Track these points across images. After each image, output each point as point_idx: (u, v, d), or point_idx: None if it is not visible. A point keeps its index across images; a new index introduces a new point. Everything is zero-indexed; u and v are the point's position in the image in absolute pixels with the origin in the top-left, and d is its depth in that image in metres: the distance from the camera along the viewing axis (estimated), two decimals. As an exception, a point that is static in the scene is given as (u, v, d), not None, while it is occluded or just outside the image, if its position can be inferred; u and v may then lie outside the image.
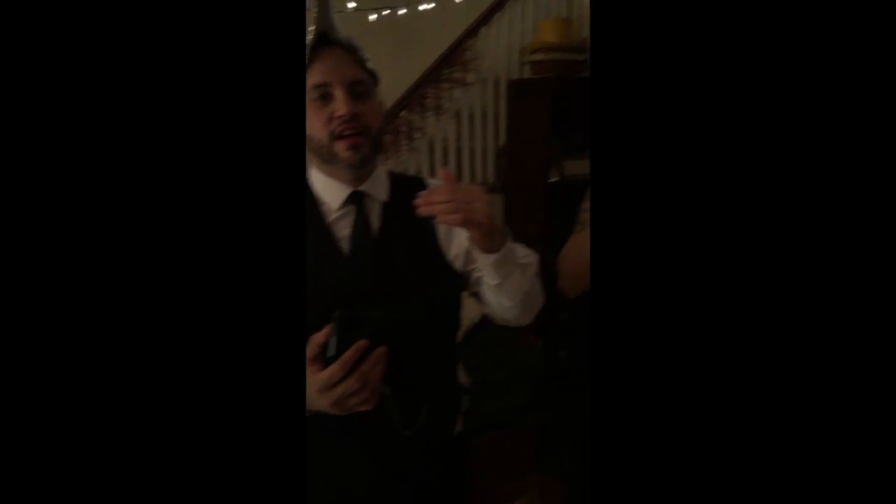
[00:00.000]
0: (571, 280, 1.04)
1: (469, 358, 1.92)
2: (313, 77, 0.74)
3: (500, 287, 0.76)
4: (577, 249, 0.99)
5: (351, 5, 2.43)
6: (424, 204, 0.65)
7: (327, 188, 0.80)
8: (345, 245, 0.78)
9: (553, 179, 2.23)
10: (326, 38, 0.77)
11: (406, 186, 0.82)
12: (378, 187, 0.82)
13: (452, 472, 0.92)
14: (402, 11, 2.57)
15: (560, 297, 1.08)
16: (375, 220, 0.81)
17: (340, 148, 0.75)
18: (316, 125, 0.74)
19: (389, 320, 0.65)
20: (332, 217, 0.79)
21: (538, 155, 2.22)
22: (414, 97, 2.35)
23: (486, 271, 0.75)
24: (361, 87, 0.76)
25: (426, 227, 0.82)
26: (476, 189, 0.67)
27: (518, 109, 2.32)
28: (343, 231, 0.79)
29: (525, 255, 0.80)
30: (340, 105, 0.73)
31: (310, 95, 0.74)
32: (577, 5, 2.59)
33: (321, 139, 0.75)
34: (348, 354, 0.61)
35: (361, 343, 0.62)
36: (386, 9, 2.60)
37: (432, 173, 2.35)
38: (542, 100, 2.15)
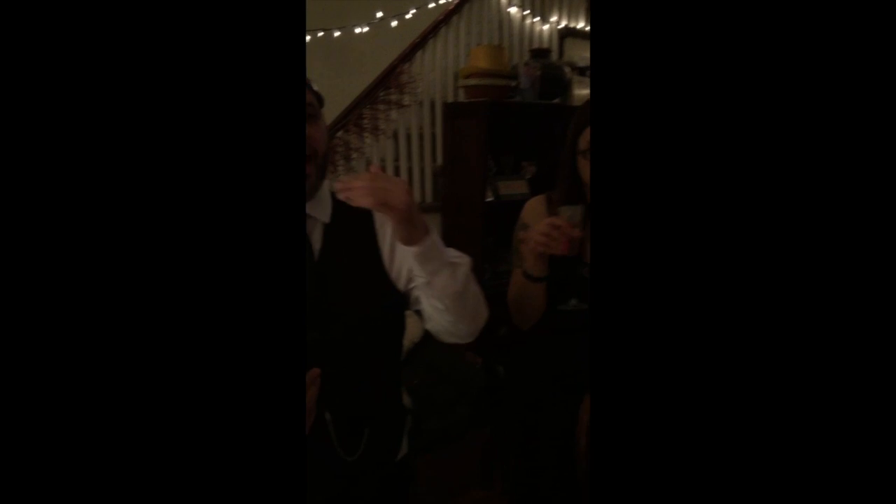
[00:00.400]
0: (520, 317, 1.10)
1: (410, 378, 1.91)
2: None
3: (430, 287, 0.75)
4: (519, 288, 1.05)
5: (285, 25, 2.41)
6: (343, 189, 0.66)
7: None
8: None
9: (489, 199, 2.29)
10: None
11: (349, 207, 0.82)
12: (321, 209, 0.82)
13: (396, 497, 0.91)
14: (336, 34, 2.58)
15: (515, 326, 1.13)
16: (317, 241, 0.80)
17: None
18: None
19: (324, 342, 0.64)
20: None
21: (474, 175, 2.28)
22: (351, 118, 2.35)
23: (414, 268, 0.74)
24: (310, 109, 0.76)
25: (369, 248, 0.83)
26: (396, 178, 0.68)
27: (454, 131, 2.38)
28: None
29: (456, 255, 0.79)
30: (313, 139, 0.73)
31: None
32: (506, 34, 2.71)
33: None
34: None
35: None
36: (321, 31, 2.60)
37: (370, 193, 2.35)
38: (477, 122, 2.22)
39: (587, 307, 1.04)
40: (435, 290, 0.75)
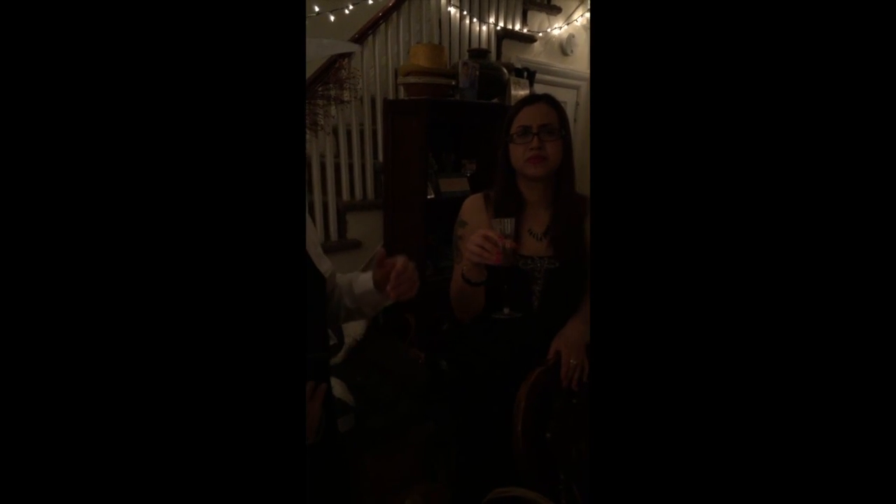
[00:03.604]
0: (461, 313, 1.18)
1: (353, 376, 1.91)
2: None
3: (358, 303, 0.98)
4: (460, 288, 1.11)
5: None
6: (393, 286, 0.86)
7: None
8: None
9: (430, 196, 2.32)
10: None
11: None
12: None
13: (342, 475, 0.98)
14: (272, 25, 2.51)
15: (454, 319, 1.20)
16: None
17: None
18: None
19: (327, 359, 0.70)
20: None
21: (415, 173, 2.30)
22: (288, 113, 2.29)
23: (364, 295, 0.94)
24: None
25: None
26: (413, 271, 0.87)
27: (394, 128, 2.39)
28: None
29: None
30: None
31: None
32: (445, 33, 2.74)
33: None
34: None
35: (311, 384, 0.67)
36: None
37: (311, 189, 2.31)
38: (418, 120, 2.24)
39: (520, 315, 1.10)
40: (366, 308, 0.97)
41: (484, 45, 2.87)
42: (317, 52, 0.84)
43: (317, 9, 2.52)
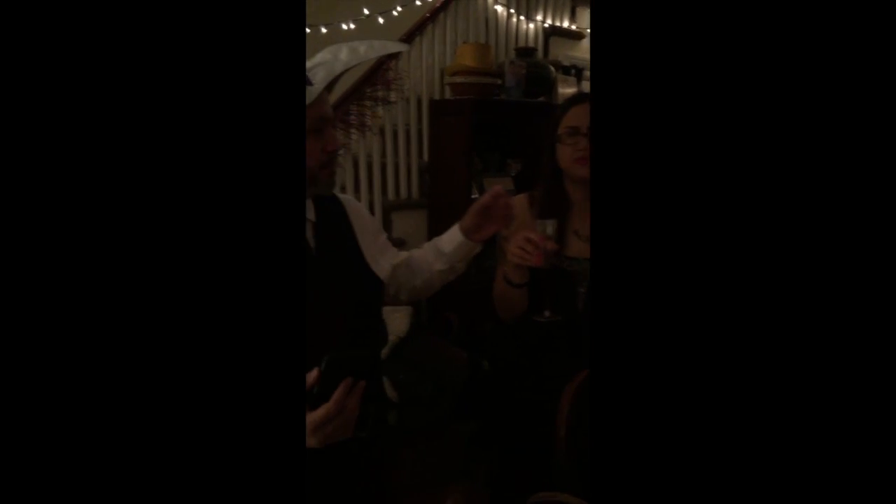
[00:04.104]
0: (504, 313, 1.17)
1: (395, 373, 1.93)
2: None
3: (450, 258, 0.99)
4: (502, 289, 1.11)
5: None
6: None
7: None
8: None
9: (474, 196, 2.32)
10: None
11: (325, 204, 0.88)
12: (307, 207, 0.84)
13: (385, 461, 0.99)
14: (323, 30, 2.57)
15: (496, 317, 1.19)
16: (310, 239, 0.83)
17: (325, 175, 0.82)
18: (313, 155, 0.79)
19: (370, 356, 0.70)
20: None
21: (460, 172, 2.30)
22: (337, 114, 2.35)
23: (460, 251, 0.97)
24: (329, 112, 0.82)
25: (350, 240, 0.88)
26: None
27: (440, 128, 2.40)
28: None
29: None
30: (334, 140, 0.80)
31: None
32: (492, 32, 2.73)
33: (311, 167, 0.79)
34: (339, 394, 0.65)
35: (348, 381, 0.66)
36: (308, 27, 2.59)
37: (357, 188, 2.36)
38: (463, 120, 2.24)
39: (560, 319, 1.08)
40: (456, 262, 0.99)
41: (531, 43, 2.84)
42: (367, 53, 0.85)
43: (366, 11, 2.57)
